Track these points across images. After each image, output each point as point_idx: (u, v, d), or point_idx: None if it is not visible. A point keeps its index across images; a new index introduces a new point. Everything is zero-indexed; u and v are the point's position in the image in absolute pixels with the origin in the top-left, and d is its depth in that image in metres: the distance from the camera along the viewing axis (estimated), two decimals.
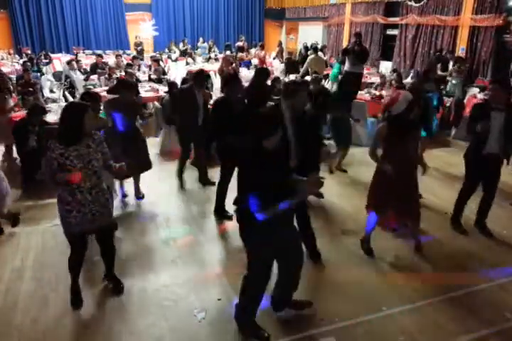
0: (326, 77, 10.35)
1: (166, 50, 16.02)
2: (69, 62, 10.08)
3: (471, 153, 4.27)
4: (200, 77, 5.33)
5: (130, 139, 4.74)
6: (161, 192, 5.41)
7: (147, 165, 5.08)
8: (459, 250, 4.16)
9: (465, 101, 8.29)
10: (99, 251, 3.44)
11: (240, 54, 13.16)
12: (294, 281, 3.07)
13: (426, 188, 5.61)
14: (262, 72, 5.49)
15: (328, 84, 9.89)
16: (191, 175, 6.06)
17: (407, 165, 3.77)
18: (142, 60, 12.69)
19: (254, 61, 13.58)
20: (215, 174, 5.98)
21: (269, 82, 6.41)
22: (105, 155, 3.11)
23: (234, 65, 9.91)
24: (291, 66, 11.24)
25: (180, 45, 16.42)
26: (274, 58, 14.73)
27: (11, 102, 6.49)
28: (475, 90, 8.77)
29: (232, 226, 4.59)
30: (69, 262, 3.23)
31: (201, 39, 17.32)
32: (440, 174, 6.12)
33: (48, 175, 2.93)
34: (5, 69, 10.61)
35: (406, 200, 3.84)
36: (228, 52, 12.98)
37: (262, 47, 14.85)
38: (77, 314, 3.19)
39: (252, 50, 15.14)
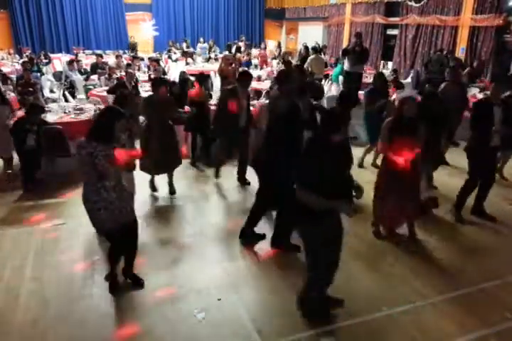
0: (326, 77, 10.35)
1: (165, 51, 16.02)
2: (69, 63, 10.06)
3: (476, 147, 4.45)
4: (246, 78, 5.37)
5: (163, 136, 4.96)
6: (162, 192, 5.41)
7: (177, 162, 5.29)
8: (459, 250, 4.16)
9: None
10: (124, 249, 3.44)
11: (238, 54, 13.15)
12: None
13: None
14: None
15: (328, 85, 9.89)
16: (190, 175, 6.08)
17: (415, 165, 3.93)
18: (143, 59, 12.70)
19: (255, 61, 13.58)
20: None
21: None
22: None
23: (234, 65, 9.90)
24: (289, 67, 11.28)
25: (184, 45, 16.41)
26: (273, 59, 14.72)
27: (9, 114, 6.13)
28: (475, 90, 8.76)
29: (234, 226, 4.59)
30: (109, 255, 3.39)
31: (201, 39, 17.34)
32: (440, 174, 6.11)
33: (82, 170, 3.07)
34: (5, 69, 10.62)
35: (412, 196, 4.05)
36: (227, 52, 12.96)
37: (265, 47, 14.89)
38: (76, 314, 3.18)
39: (253, 51, 15.12)
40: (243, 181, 5.70)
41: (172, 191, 5.35)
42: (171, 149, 5.10)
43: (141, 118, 5.28)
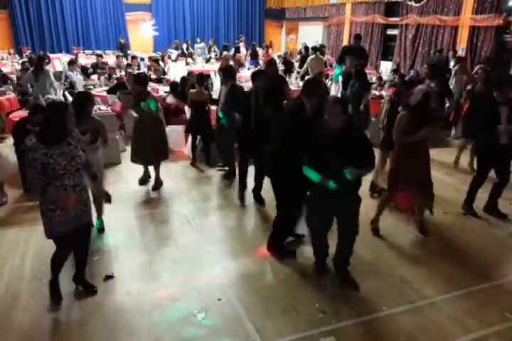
0: (326, 77, 10.34)
1: (169, 50, 16.02)
2: (70, 63, 10.05)
3: (485, 145, 4.59)
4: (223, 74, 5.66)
5: (151, 129, 5.23)
6: (161, 191, 5.41)
7: (163, 156, 5.44)
8: (459, 250, 4.16)
9: (462, 100, 8.25)
10: (73, 253, 3.36)
11: (237, 54, 13.15)
12: (345, 246, 3.50)
13: None
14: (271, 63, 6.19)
15: (328, 85, 9.88)
16: (190, 175, 6.08)
17: (424, 152, 4.17)
18: (143, 59, 12.66)
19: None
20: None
21: None
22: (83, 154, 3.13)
23: (232, 63, 9.90)
24: (290, 65, 11.34)
25: (184, 46, 16.42)
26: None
27: None
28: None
29: (234, 226, 4.59)
30: (52, 260, 3.23)
31: (198, 39, 17.32)
32: (440, 173, 6.12)
33: (31, 175, 2.91)
34: (5, 70, 10.62)
35: (424, 183, 4.22)
36: (226, 53, 12.96)
37: (268, 47, 14.93)
38: (77, 313, 3.19)
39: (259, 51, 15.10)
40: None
41: (156, 186, 5.48)
42: (158, 142, 5.31)
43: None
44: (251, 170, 5.09)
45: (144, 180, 5.64)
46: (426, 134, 3.98)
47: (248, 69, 12.36)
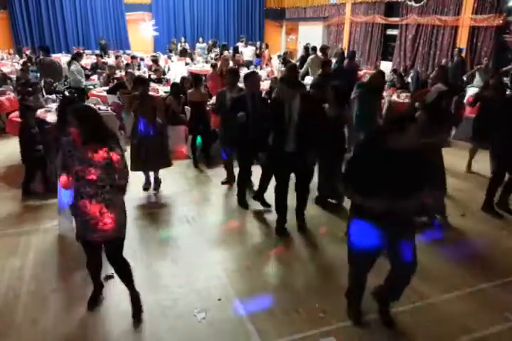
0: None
1: (167, 51, 16.01)
2: (69, 63, 10.04)
3: (504, 144, 4.61)
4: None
5: (152, 136, 5.04)
6: (161, 191, 5.41)
7: (166, 163, 5.32)
8: (459, 250, 4.15)
9: (464, 101, 8.28)
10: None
11: (236, 55, 13.14)
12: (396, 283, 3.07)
13: None
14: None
15: None
16: (190, 175, 6.08)
17: (438, 150, 4.23)
18: (143, 59, 12.66)
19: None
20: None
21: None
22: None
23: (232, 64, 9.89)
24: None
25: (178, 44, 16.44)
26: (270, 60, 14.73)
27: None
28: (474, 90, 8.75)
29: (234, 226, 4.59)
30: (87, 265, 3.18)
31: (200, 39, 17.32)
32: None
33: (63, 165, 2.92)
34: (5, 70, 10.62)
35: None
36: (226, 53, 12.97)
37: (267, 47, 14.95)
38: (77, 314, 3.18)
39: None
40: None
41: (156, 186, 5.41)
42: (159, 149, 5.13)
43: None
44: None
45: (147, 186, 5.43)
46: (444, 136, 4.03)
47: (255, 66, 12.58)
